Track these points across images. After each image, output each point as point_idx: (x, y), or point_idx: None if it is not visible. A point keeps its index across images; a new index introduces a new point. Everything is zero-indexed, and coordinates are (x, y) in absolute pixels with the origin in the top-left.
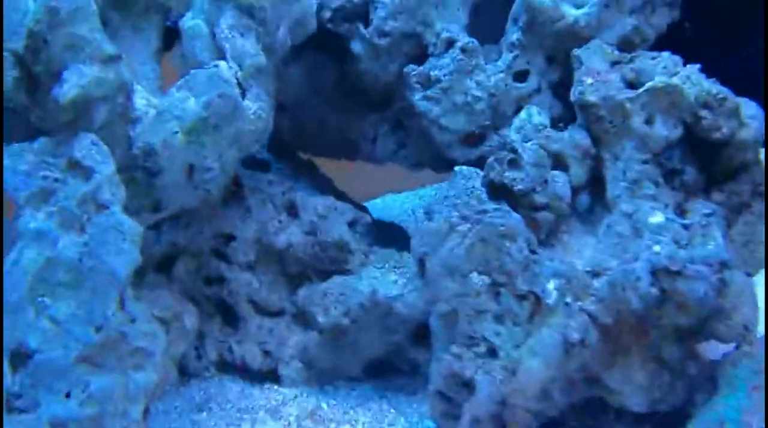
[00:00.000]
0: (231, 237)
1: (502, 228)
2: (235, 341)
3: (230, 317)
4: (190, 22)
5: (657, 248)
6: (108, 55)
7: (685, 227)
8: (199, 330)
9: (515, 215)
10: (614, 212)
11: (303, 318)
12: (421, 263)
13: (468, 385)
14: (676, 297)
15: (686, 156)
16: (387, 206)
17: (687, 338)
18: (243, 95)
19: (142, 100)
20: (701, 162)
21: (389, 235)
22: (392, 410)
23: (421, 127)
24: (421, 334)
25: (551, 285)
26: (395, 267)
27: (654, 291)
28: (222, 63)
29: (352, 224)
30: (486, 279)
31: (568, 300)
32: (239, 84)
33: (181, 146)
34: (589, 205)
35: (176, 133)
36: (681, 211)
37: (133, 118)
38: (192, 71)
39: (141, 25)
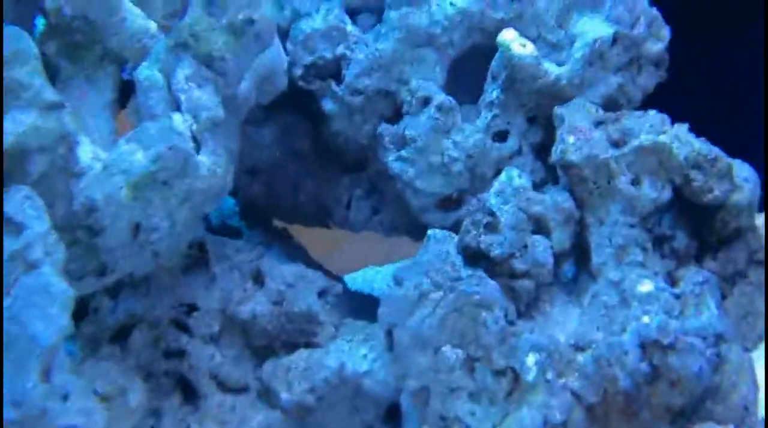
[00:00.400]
0: (193, 307)
1: (477, 297)
2: (194, 420)
3: (190, 393)
4: (145, 71)
5: (646, 319)
6: (49, 102)
7: (677, 296)
8: (155, 409)
9: (492, 283)
10: (599, 280)
11: (267, 395)
12: (389, 335)
13: None
14: (667, 373)
15: (676, 220)
16: (367, 279)
17: (681, 420)
18: (197, 150)
19: (87, 153)
20: (692, 227)
21: (365, 307)
22: None
23: (396, 190)
24: (394, 414)
25: (531, 359)
26: (365, 340)
27: (643, 366)
28: (176, 115)
29: (322, 294)
30: (460, 353)
31: (550, 376)
32: (194, 138)
33: (126, 202)
34: (574, 274)
35: (121, 188)
36: (672, 280)
37: (76, 172)
38: (143, 123)
39: (95, 76)
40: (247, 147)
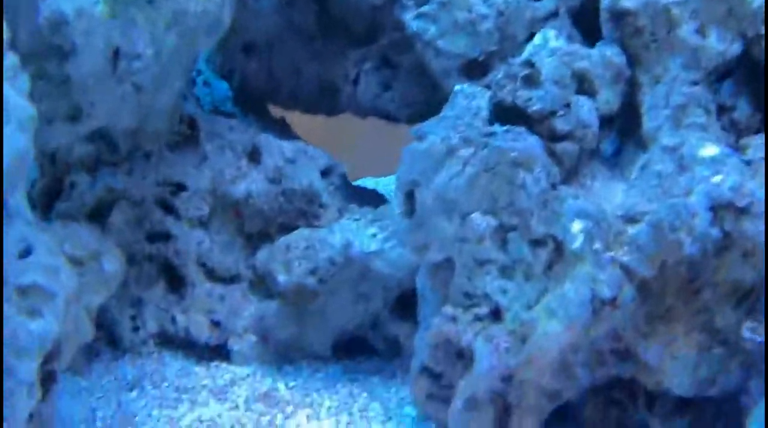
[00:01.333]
0: (181, 187)
1: (514, 154)
2: (179, 310)
3: (175, 282)
4: None
5: (717, 178)
6: None
7: (747, 163)
8: (137, 297)
9: (532, 137)
10: (652, 148)
11: (261, 286)
12: (410, 197)
13: (464, 356)
14: (741, 241)
15: (739, 88)
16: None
17: (746, 303)
18: None
19: None
20: (756, 97)
21: (369, 199)
22: (364, 394)
23: (412, 61)
24: (405, 303)
25: (576, 227)
26: (374, 220)
27: (714, 232)
28: None
29: (326, 173)
30: (492, 220)
31: (597, 246)
32: None
33: (102, 19)
34: (615, 149)
35: (97, 1)
36: (736, 149)
37: None
38: None
39: None
40: (243, 17)
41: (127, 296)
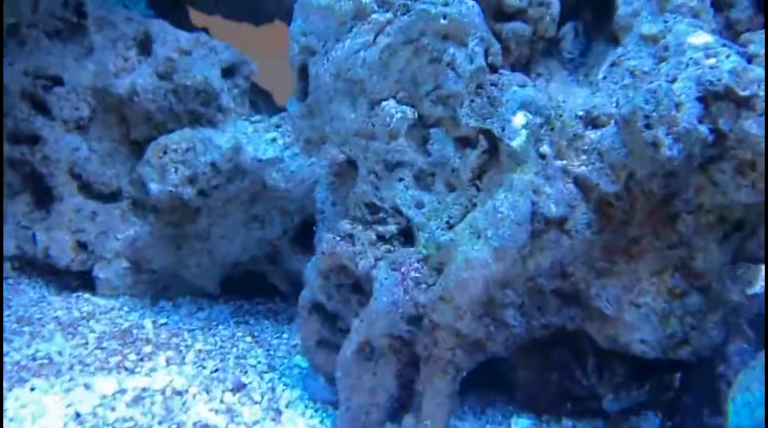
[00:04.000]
0: (56, 81)
1: (444, 21)
2: (41, 227)
3: (42, 194)
4: None
5: (711, 61)
6: None
7: (747, 58)
8: None
9: (471, 2)
10: (626, 40)
11: (141, 206)
12: (302, 71)
13: (361, 288)
14: (738, 149)
15: None
16: None
17: (739, 237)
18: None
19: None
20: None
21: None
22: (248, 338)
23: None
24: (310, 233)
25: (519, 120)
26: (279, 126)
27: (703, 130)
28: None
29: (230, 71)
30: (408, 110)
31: (546, 150)
32: None
33: None
34: (581, 51)
35: None
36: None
37: None
38: None
39: None
40: None
41: None
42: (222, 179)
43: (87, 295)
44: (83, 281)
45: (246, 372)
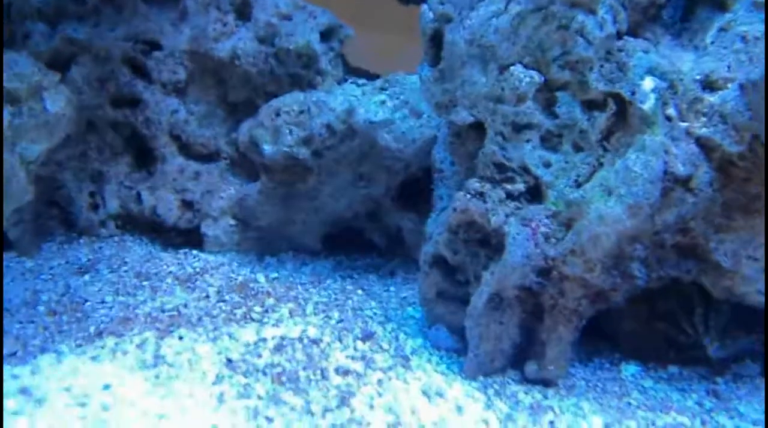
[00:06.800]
0: (155, 45)
1: None
2: (146, 187)
3: (143, 155)
4: None
5: None
6: None
7: None
8: (98, 171)
9: None
10: (736, 6)
11: (244, 164)
12: (435, 38)
13: (490, 243)
14: None
15: None
16: None
17: None
18: None
19: None
20: None
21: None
22: (359, 291)
23: None
24: (410, 191)
25: (648, 85)
26: (383, 89)
27: None
28: None
29: (327, 35)
30: (536, 75)
31: (672, 112)
32: None
33: None
34: (682, 15)
35: None
36: None
37: None
38: None
39: None
40: None
41: (86, 169)
42: (335, 140)
43: (195, 252)
44: (186, 238)
45: (367, 323)
